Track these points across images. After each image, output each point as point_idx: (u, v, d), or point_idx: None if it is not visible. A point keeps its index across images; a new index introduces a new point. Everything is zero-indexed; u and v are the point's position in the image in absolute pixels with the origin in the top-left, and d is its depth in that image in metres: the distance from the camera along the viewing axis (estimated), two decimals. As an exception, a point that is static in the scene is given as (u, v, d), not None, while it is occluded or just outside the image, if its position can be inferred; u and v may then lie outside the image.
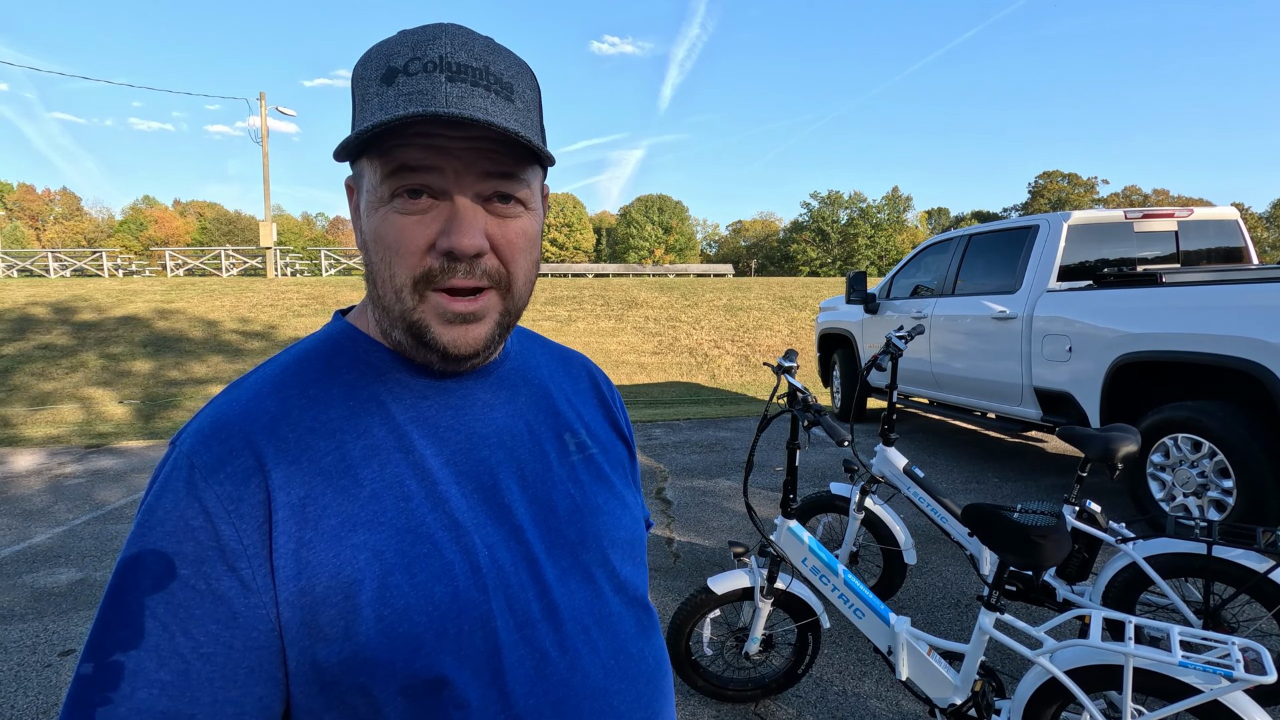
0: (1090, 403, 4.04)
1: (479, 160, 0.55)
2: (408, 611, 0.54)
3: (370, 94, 0.55)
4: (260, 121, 21.65)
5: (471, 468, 0.61)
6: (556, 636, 0.59)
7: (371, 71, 0.56)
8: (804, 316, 14.50)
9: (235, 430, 0.55)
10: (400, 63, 0.54)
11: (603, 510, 0.68)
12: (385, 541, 0.55)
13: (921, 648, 1.84)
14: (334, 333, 0.64)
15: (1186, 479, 3.48)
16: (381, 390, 0.61)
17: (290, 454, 0.55)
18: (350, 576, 0.53)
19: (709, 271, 36.38)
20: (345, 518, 0.54)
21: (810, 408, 2.01)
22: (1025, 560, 1.54)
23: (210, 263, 24.71)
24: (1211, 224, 4.85)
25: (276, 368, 0.61)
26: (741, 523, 4.11)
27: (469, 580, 0.56)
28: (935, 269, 5.83)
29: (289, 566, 0.52)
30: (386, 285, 0.57)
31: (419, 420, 0.61)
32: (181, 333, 11.78)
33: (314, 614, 0.52)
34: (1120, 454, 2.24)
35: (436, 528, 0.57)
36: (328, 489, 0.55)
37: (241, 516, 0.52)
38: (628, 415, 0.82)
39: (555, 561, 0.62)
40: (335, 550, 0.53)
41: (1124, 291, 3.91)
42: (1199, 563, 2.09)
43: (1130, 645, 1.45)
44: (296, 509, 0.53)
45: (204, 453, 0.54)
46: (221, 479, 0.53)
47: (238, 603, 0.51)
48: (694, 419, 7.67)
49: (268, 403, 0.57)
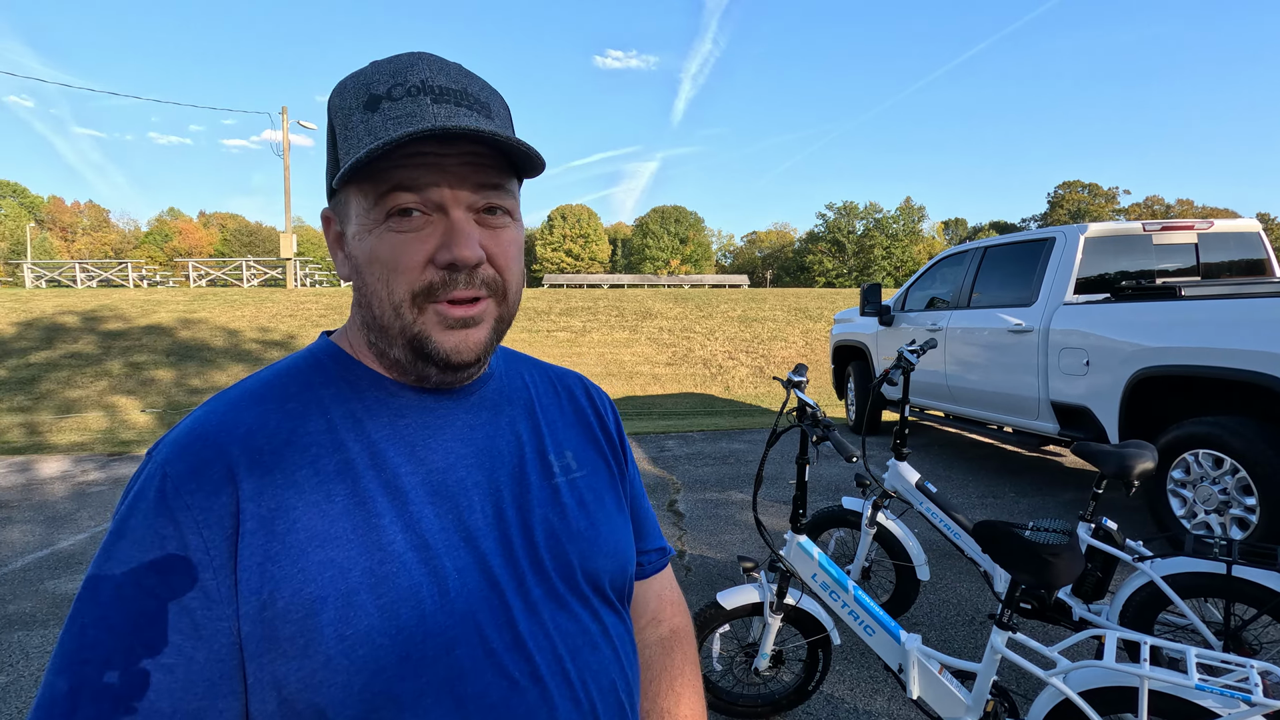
0: (1108, 417, 3.99)
1: (471, 174, 0.57)
2: (370, 633, 0.53)
3: (354, 122, 0.56)
4: (282, 135, 22.06)
5: (447, 489, 0.60)
6: (527, 666, 0.58)
7: (351, 100, 0.57)
8: (819, 328, 14.44)
9: (210, 441, 0.55)
10: (382, 89, 0.56)
11: (583, 534, 0.66)
12: (353, 559, 0.54)
13: (933, 666, 1.82)
14: (317, 350, 0.65)
15: (1208, 496, 3.42)
16: (359, 407, 0.61)
17: (263, 466, 0.54)
18: (313, 593, 0.52)
19: (724, 282, 36.37)
20: (313, 533, 0.54)
21: (819, 423, 2.01)
22: (1036, 579, 1.52)
23: (232, 273, 25.14)
24: (1233, 236, 4.78)
25: (257, 382, 0.61)
26: (754, 536, 4.09)
27: (436, 604, 0.55)
28: (951, 281, 5.79)
29: (253, 579, 0.52)
30: (384, 303, 0.58)
31: (395, 438, 0.60)
32: (203, 342, 11.97)
33: (274, 629, 0.52)
34: (1136, 471, 2.20)
35: (406, 548, 0.56)
36: (299, 502, 0.54)
37: (209, 527, 0.52)
38: (624, 433, 0.81)
39: (530, 587, 0.61)
40: (300, 565, 0.52)
41: (1143, 305, 3.86)
42: (1219, 582, 2.05)
43: (1146, 667, 1.43)
44: (265, 521, 0.53)
45: (178, 463, 0.54)
46: (193, 489, 0.52)
47: (200, 614, 0.51)
48: (707, 431, 7.65)
49: (245, 415, 0.57)
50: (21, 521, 4.55)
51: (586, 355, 12.20)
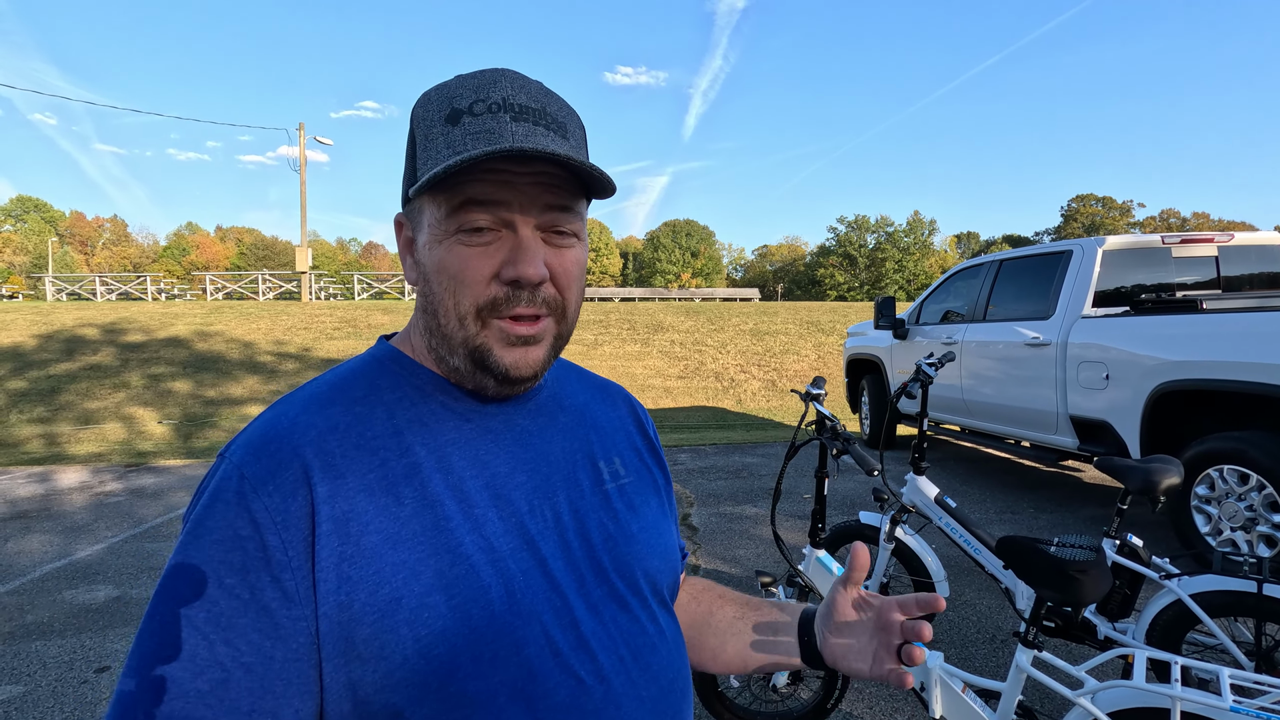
0: (1129, 432, 3.93)
1: (542, 194, 0.58)
2: (444, 634, 0.54)
3: (434, 134, 0.58)
4: (299, 150, 22.38)
5: (509, 493, 0.61)
6: (592, 665, 0.59)
7: (434, 113, 0.59)
8: (831, 341, 14.38)
9: (285, 443, 0.56)
10: (464, 104, 0.57)
11: (636, 538, 0.68)
12: (424, 561, 0.55)
13: (956, 685, 1.79)
14: (379, 355, 0.66)
15: (1234, 512, 3.35)
16: (424, 411, 0.62)
17: (336, 469, 0.55)
18: (389, 595, 0.53)
19: (735, 295, 36.34)
20: (386, 535, 0.55)
21: (839, 436, 1.99)
22: (1063, 596, 1.49)
23: (248, 286, 25.45)
24: (1254, 249, 4.72)
25: (323, 385, 0.62)
26: (769, 550, 4.05)
27: (505, 605, 0.56)
28: (966, 294, 5.76)
29: (330, 581, 0.53)
30: (450, 313, 0.59)
31: (460, 443, 0.61)
32: (219, 354, 12.10)
33: (351, 631, 0.52)
34: (1163, 486, 2.17)
35: (474, 550, 0.57)
36: (370, 505, 0.55)
37: (288, 527, 0.53)
38: (661, 446, 0.83)
39: (591, 589, 0.62)
40: (375, 567, 0.53)
41: (1164, 318, 3.82)
42: (1250, 601, 2.00)
43: (1178, 688, 1.39)
44: (340, 523, 0.54)
45: (254, 464, 0.55)
46: (270, 490, 0.53)
47: (280, 613, 0.52)
48: (720, 444, 7.62)
49: (316, 417, 0.58)
50: (40, 531, 4.59)
51: (598, 368, 12.21)
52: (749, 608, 0.83)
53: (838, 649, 0.72)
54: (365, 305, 18.31)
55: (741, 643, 0.80)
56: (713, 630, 0.81)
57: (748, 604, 0.84)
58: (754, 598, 0.86)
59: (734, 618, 0.82)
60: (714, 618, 0.82)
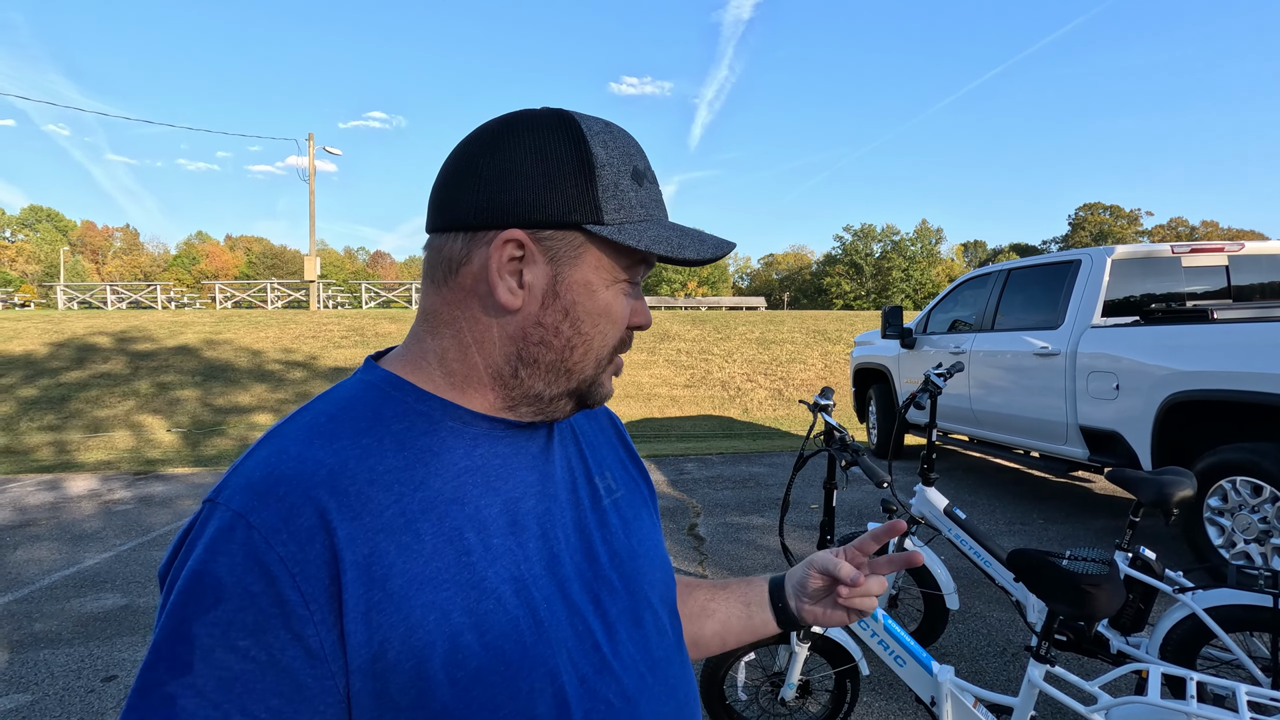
0: (1140, 443, 3.90)
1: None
2: (481, 673, 0.52)
3: (623, 185, 0.60)
4: (308, 160, 22.57)
5: (522, 518, 0.60)
6: (618, 686, 0.59)
7: (619, 161, 0.60)
8: (838, 350, 14.34)
9: (294, 485, 0.51)
10: (641, 165, 0.62)
11: (637, 552, 0.68)
12: (451, 600, 0.52)
13: (967, 699, 1.77)
14: (376, 381, 0.61)
15: (1247, 525, 3.32)
16: (435, 441, 0.59)
17: (352, 509, 0.51)
18: (422, 640, 0.50)
19: (741, 304, 36.33)
20: (410, 576, 0.52)
21: (848, 447, 1.98)
22: (1077, 611, 1.48)
23: (257, 295, 25.61)
24: (1265, 258, 4.69)
25: (320, 416, 0.57)
26: (776, 561, 4.03)
27: (534, 635, 0.55)
28: (973, 304, 5.74)
29: (360, 631, 0.49)
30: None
31: (473, 470, 0.59)
32: (228, 362, 12.17)
33: (386, 682, 0.49)
34: (1176, 498, 2.15)
35: (499, 581, 0.55)
36: (390, 546, 0.52)
37: (307, 579, 0.48)
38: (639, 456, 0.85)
39: (606, 608, 0.62)
40: (404, 612, 0.50)
41: (1174, 328, 3.79)
42: (1266, 616, 1.97)
43: (1193, 704, 1.37)
44: (363, 568, 0.50)
45: (262, 510, 0.50)
46: (285, 539, 0.49)
47: (303, 674, 0.48)
48: (726, 454, 7.60)
49: (321, 454, 0.53)
50: (48, 539, 4.61)
51: (604, 377, 12.20)
52: (716, 588, 0.86)
53: (815, 614, 0.80)
54: (372, 314, 18.39)
55: (717, 623, 0.83)
56: (686, 616, 0.83)
57: (714, 585, 0.86)
58: (714, 580, 0.88)
59: (705, 600, 0.84)
60: (684, 605, 0.83)
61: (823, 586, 0.78)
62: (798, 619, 0.81)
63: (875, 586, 0.74)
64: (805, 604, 0.80)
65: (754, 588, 0.84)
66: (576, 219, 0.57)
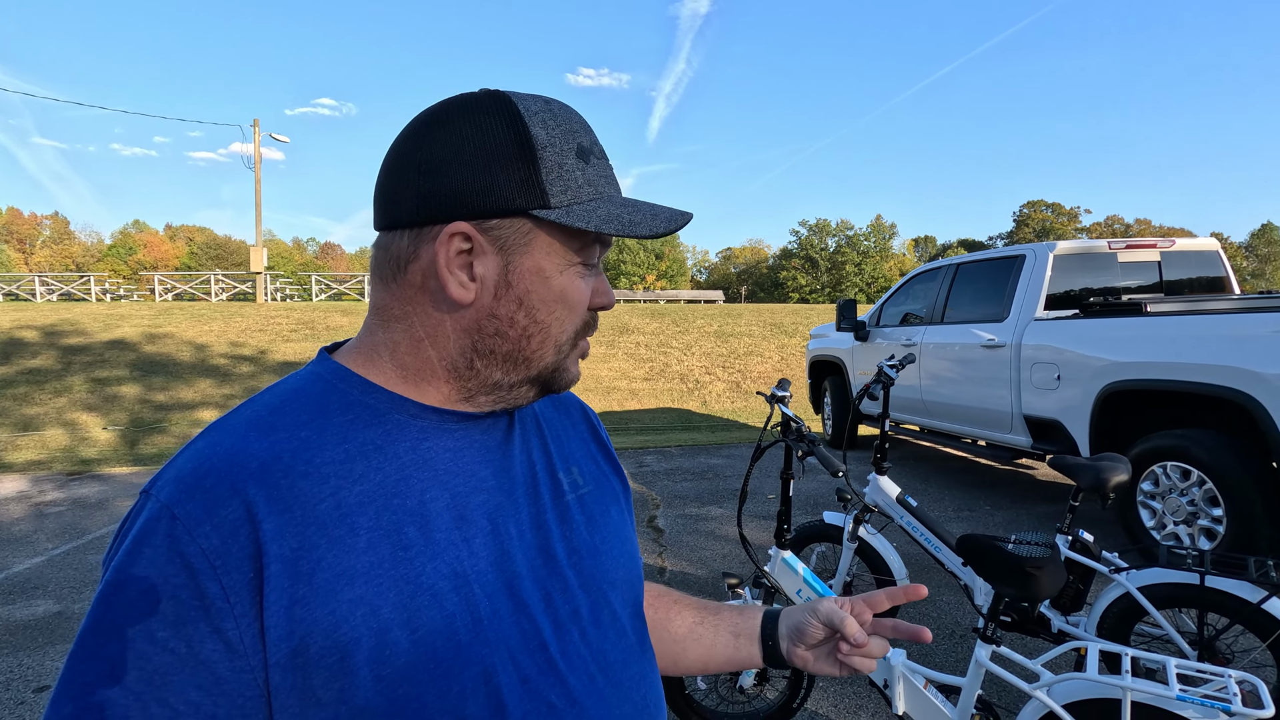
0: (1079, 430, 4.07)
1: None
2: (408, 670, 0.51)
3: (567, 164, 0.58)
4: (254, 148, 21.77)
5: (471, 512, 0.58)
6: (563, 688, 0.57)
7: (560, 140, 0.58)
8: (794, 343, 14.57)
9: (222, 477, 0.51)
10: (586, 142, 0.60)
11: (600, 550, 0.67)
12: (383, 595, 0.52)
13: (918, 681, 1.82)
14: (324, 373, 0.60)
15: (1177, 507, 3.50)
16: (380, 434, 0.58)
17: (282, 502, 0.51)
18: (346, 635, 0.50)
19: (700, 298, 36.56)
20: (340, 570, 0.51)
21: (804, 438, 2.01)
22: (1021, 592, 1.53)
23: (199, 287, 24.65)
24: (1193, 254, 4.95)
25: (262, 408, 0.57)
26: (735, 551, 4.08)
27: (471, 633, 0.54)
28: (924, 297, 5.89)
29: (281, 625, 0.49)
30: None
31: (419, 463, 0.58)
32: (170, 357, 11.68)
33: (307, 677, 0.49)
34: (1112, 483, 2.24)
35: (437, 578, 0.54)
36: (322, 539, 0.51)
37: (229, 571, 0.48)
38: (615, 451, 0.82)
39: (558, 607, 0.61)
40: (330, 607, 0.50)
41: (1110, 320, 3.97)
42: (1193, 593, 2.09)
43: (1128, 679, 1.44)
44: (289, 562, 0.50)
45: (187, 503, 0.49)
46: (207, 531, 0.48)
47: (222, 667, 0.48)
48: (685, 446, 7.65)
49: (255, 446, 0.53)
50: (-26, 545, 4.36)
51: (563, 370, 12.14)
52: (708, 612, 0.83)
53: (805, 659, 0.76)
54: (323, 306, 17.90)
55: (702, 649, 0.80)
56: (671, 637, 0.81)
57: (705, 608, 0.84)
58: (712, 602, 0.85)
59: (693, 623, 0.82)
60: (671, 624, 0.82)
61: (822, 637, 0.75)
62: (786, 660, 0.77)
63: (877, 649, 0.71)
64: (798, 649, 0.76)
65: (746, 620, 0.81)
66: (522, 205, 0.56)
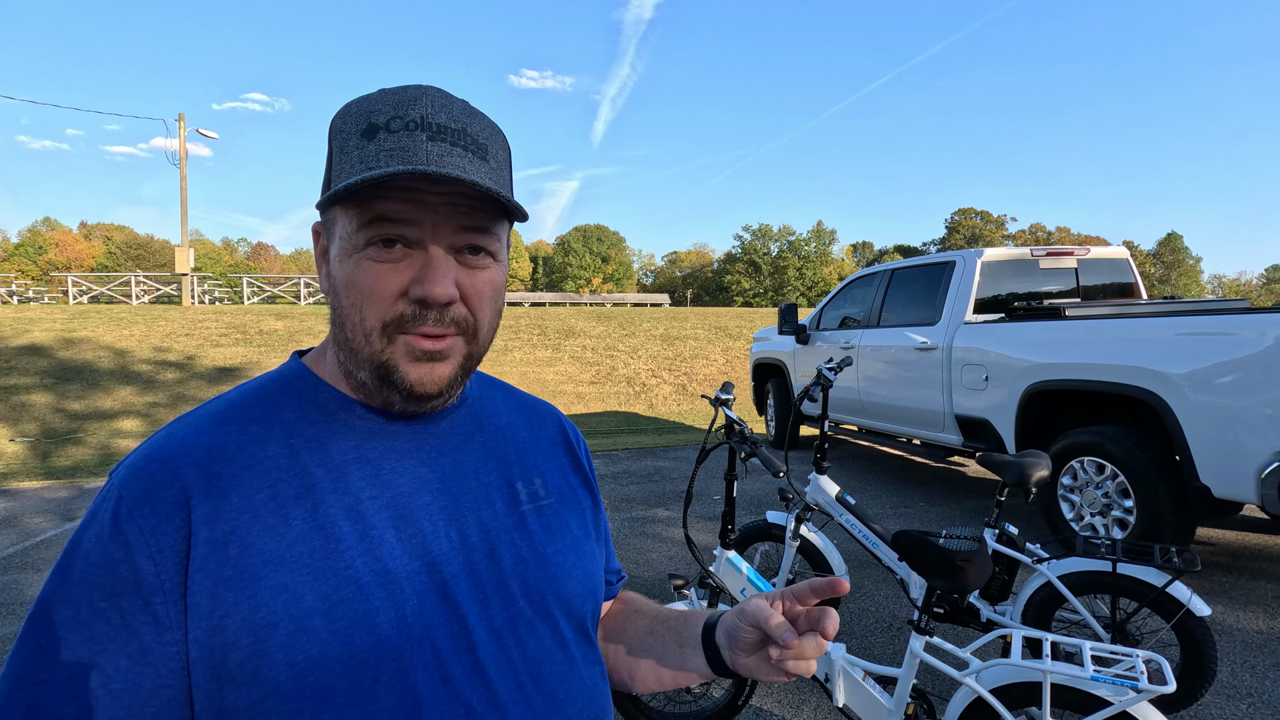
0: (1006, 429, 4.28)
1: (454, 214, 0.58)
2: (322, 659, 0.53)
3: (349, 147, 0.57)
4: (179, 143, 20.74)
5: (412, 513, 0.60)
6: (486, 692, 0.58)
7: (351, 125, 0.58)
8: (739, 346, 14.80)
9: (166, 464, 0.55)
10: (382, 120, 0.56)
11: (551, 561, 0.67)
12: (307, 584, 0.54)
13: (857, 674, 1.89)
14: (286, 373, 0.65)
15: (1093, 500, 3.72)
16: (324, 431, 0.61)
17: (220, 490, 0.55)
18: (265, 619, 0.52)
19: (646, 301, 36.74)
20: (269, 557, 0.54)
21: (747, 439, 2.06)
22: (951, 584, 1.61)
23: (119, 289, 23.26)
24: (1106, 262, 5.28)
25: (223, 404, 0.61)
26: (681, 553, 4.12)
27: (392, 629, 0.55)
28: (862, 301, 6.09)
29: (203, 604, 0.52)
30: (356, 328, 0.59)
31: (361, 462, 0.60)
32: (87, 363, 10.99)
33: (223, 655, 0.51)
34: (1034, 479, 2.38)
35: (364, 572, 0.56)
36: (254, 526, 0.54)
37: (161, 550, 0.52)
38: (593, 465, 0.82)
39: (495, 613, 0.61)
40: (252, 590, 0.52)
41: (1033, 324, 4.19)
42: (1106, 579, 2.23)
43: (1048, 662, 1.53)
44: (219, 545, 0.53)
45: (133, 485, 0.54)
46: (146, 512, 0.53)
47: (149, 638, 0.51)
48: (632, 449, 7.67)
49: (205, 438, 0.57)
50: None
51: (509, 375, 12.01)
52: (656, 621, 0.80)
53: (749, 666, 0.69)
54: (256, 310, 17.17)
55: (652, 659, 0.78)
56: (628, 647, 0.80)
57: (656, 617, 0.81)
58: (663, 608, 0.83)
59: (644, 633, 0.80)
60: (626, 634, 0.80)
61: (755, 640, 0.66)
62: (731, 668, 0.70)
63: (811, 649, 0.61)
64: (739, 655, 0.68)
65: (689, 626, 0.75)
66: (325, 196, 0.58)
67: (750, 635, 0.66)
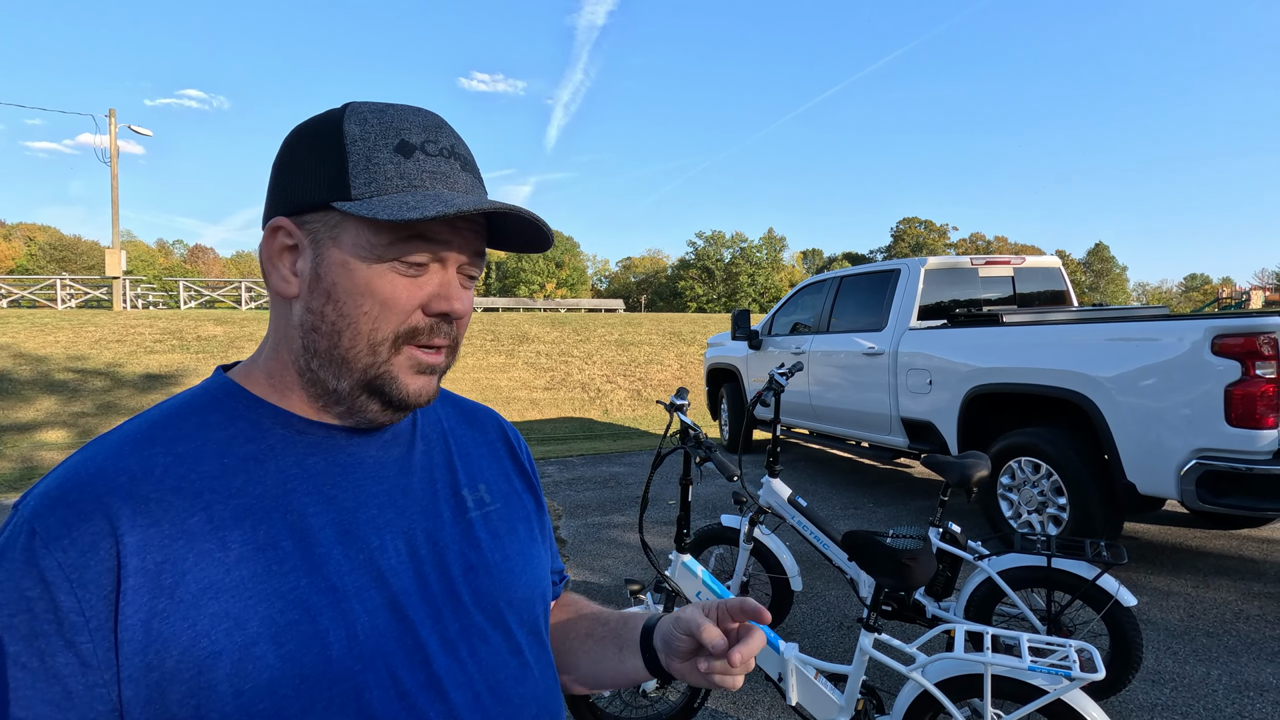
0: (949, 431, 4.44)
1: (474, 240, 0.62)
2: (271, 686, 0.51)
3: (381, 158, 0.58)
4: (109, 140, 19.78)
5: (357, 528, 0.59)
6: (443, 705, 0.58)
7: (377, 136, 0.58)
8: (693, 351, 14.94)
9: (87, 492, 0.51)
10: (416, 140, 0.59)
11: (500, 567, 0.67)
12: (250, 609, 0.52)
13: (809, 672, 1.93)
14: (212, 388, 0.61)
15: (1030, 498, 3.89)
16: (262, 448, 0.58)
17: (150, 516, 0.51)
18: (206, 649, 0.50)
19: (600, 306, 36.71)
20: (207, 584, 0.51)
21: (702, 444, 2.09)
22: (898, 582, 1.67)
23: (42, 292, 22.00)
24: (1040, 270, 5.54)
25: (144, 423, 0.57)
26: (637, 557, 4.13)
27: (344, 649, 0.54)
28: (812, 308, 6.23)
29: (137, 639, 0.49)
30: (362, 337, 0.58)
31: (303, 478, 0.58)
32: (5, 372, 10.35)
33: (162, 691, 0.49)
34: (975, 478, 2.47)
35: (311, 592, 0.54)
36: (189, 553, 0.51)
37: (85, 585, 0.48)
38: (535, 467, 0.82)
39: (447, 624, 0.61)
40: (191, 620, 0.50)
41: (973, 330, 4.37)
42: (1042, 574, 2.34)
43: (989, 655, 1.60)
44: (151, 575, 0.50)
45: (48, 517, 0.49)
46: (65, 545, 0.48)
47: (73, 681, 0.48)
48: (587, 455, 7.66)
49: (129, 461, 0.53)
50: None
51: (461, 380, 11.83)
52: (597, 622, 0.80)
53: (682, 670, 0.70)
54: (193, 315, 16.48)
55: (591, 662, 0.79)
56: (569, 649, 0.80)
57: (596, 618, 0.81)
58: (604, 610, 0.84)
59: (584, 635, 0.80)
60: (568, 636, 0.81)
61: (689, 648, 0.66)
62: (667, 672, 0.71)
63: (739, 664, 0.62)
64: (674, 661, 0.69)
65: (629, 629, 0.76)
66: (324, 198, 0.57)
67: (684, 643, 0.67)
